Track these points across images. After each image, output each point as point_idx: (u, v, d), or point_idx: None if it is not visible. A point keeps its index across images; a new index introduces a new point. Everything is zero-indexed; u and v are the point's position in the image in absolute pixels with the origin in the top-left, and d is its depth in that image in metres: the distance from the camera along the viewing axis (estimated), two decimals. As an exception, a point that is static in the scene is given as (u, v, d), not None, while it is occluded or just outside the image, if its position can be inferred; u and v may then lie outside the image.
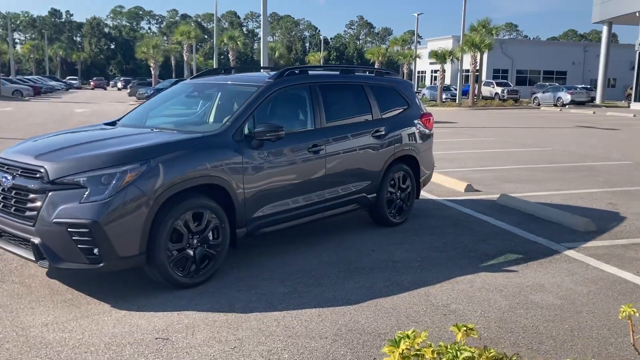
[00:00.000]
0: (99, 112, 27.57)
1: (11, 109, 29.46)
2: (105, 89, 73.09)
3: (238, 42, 42.64)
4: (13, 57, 69.65)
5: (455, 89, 44.08)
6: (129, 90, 45.57)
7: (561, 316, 4.31)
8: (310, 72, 6.11)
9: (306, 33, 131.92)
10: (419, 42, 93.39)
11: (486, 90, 47.96)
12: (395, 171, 6.75)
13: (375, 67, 50.65)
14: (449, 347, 2.29)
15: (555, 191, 9.23)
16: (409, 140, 6.90)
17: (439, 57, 40.60)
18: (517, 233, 6.63)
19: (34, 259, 4.36)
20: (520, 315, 4.30)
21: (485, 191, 9.18)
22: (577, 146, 15.73)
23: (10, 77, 51.25)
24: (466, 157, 13.16)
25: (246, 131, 5.17)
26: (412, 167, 7.03)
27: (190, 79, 6.71)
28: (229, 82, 6.13)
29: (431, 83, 59.74)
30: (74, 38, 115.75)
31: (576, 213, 7.24)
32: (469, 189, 9.20)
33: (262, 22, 20.35)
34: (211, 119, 5.84)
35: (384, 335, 3.94)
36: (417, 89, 59.36)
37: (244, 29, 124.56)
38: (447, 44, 54.51)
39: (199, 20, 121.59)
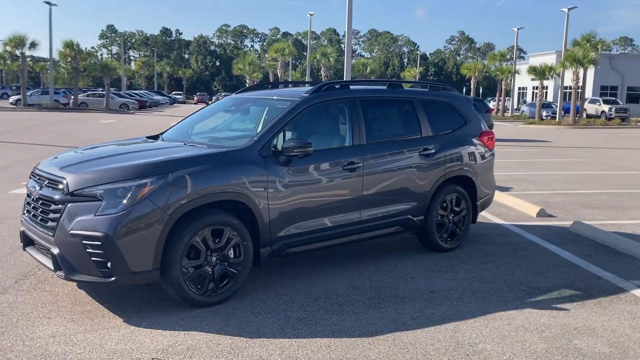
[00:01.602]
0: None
1: (114, 120, 31.39)
2: (207, 103, 76.36)
3: (330, 59, 42.99)
4: (126, 73, 74.71)
5: (557, 106, 41.81)
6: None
7: (605, 367, 3.74)
8: (351, 87, 5.85)
9: (405, 49, 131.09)
10: (522, 58, 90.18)
11: (591, 108, 45.06)
12: (447, 192, 6.31)
13: (472, 83, 49.49)
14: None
15: (641, 220, 8.31)
16: (464, 159, 6.43)
17: (538, 73, 38.70)
18: (582, 266, 5.96)
19: (53, 269, 4.41)
20: (556, 363, 3.78)
21: (560, 217, 8.43)
22: (683, 170, 14.23)
23: (120, 92, 54.82)
24: (551, 179, 12.26)
25: (275, 147, 5.00)
26: (467, 189, 6.54)
27: (235, 93, 6.66)
28: (266, 97, 6.01)
29: (532, 100, 57.08)
30: (183, 55, 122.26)
31: (657, 246, 6.42)
32: (542, 213, 8.49)
33: (346, 38, 20.33)
34: (245, 134, 5.73)
35: (390, 375, 3.59)
36: (516, 106, 57.04)
37: (343, 45, 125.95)
38: (550, 59, 51.96)
39: (299, 37, 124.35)
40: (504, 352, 3.93)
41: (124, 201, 4.23)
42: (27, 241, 4.90)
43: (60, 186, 4.44)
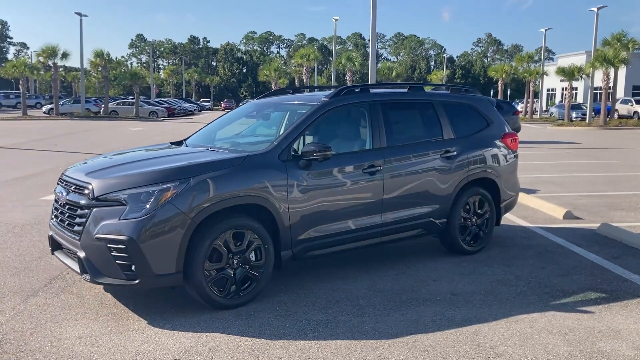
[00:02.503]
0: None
1: (144, 128, 31.91)
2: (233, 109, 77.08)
3: (356, 63, 43.05)
4: (155, 82, 75.90)
5: (587, 107, 41.09)
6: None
7: (629, 370, 3.68)
8: (372, 90, 5.87)
9: (431, 52, 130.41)
10: (551, 59, 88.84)
11: (623, 109, 44.10)
12: (470, 195, 6.27)
13: (499, 85, 48.95)
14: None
15: (672, 222, 8.12)
16: (487, 161, 6.39)
17: (567, 73, 38.10)
18: (609, 268, 5.87)
19: (79, 272, 4.53)
20: (578, 366, 3.73)
21: (587, 219, 8.29)
22: None
23: (149, 100, 55.71)
24: (578, 181, 12.06)
25: (295, 151, 5.05)
26: (490, 191, 6.49)
27: (257, 98, 6.74)
28: (288, 102, 6.07)
29: (561, 101, 56.19)
30: (210, 63, 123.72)
31: (687, 248, 6.28)
32: (569, 215, 8.36)
33: (370, 42, 20.33)
34: (267, 138, 5.80)
35: (409, 376, 3.59)
36: (545, 108, 56.22)
37: (368, 49, 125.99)
38: (580, 60, 51.13)
39: (325, 43, 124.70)
40: (526, 354, 3.90)
41: (147, 205, 4.33)
42: (55, 245, 5.04)
43: (86, 191, 4.56)
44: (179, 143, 6.08)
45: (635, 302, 4.89)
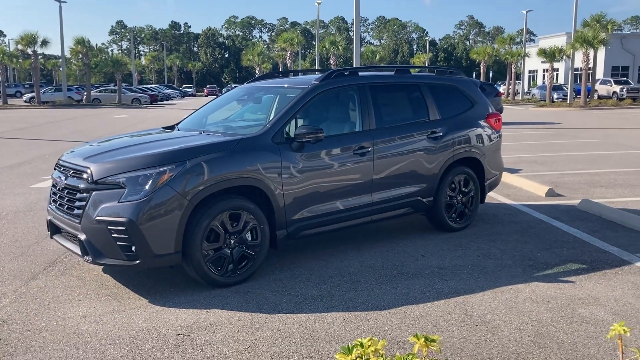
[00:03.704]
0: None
1: (127, 115, 31.75)
2: (217, 95, 76.29)
3: (339, 47, 43.06)
4: (137, 68, 75.17)
5: (568, 88, 41.58)
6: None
7: (607, 333, 3.91)
8: (360, 73, 6.03)
9: (414, 35, 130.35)
10: (532, 41, 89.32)
11: (603, 89, 44.69)
12: (456, 174, 6.48)
13: (481, 67, 49.22)
14: (402, 358, 2.15)
15: (650, 197, 8.42)
16: (471, 141, 6.59)
17: (548, 55, 38.50)
18: (589, 241, 6.13)
19: (80, 254, 4.66)
20: (560, 330, 3.97)
21: (568, 196, 8.57)
22: (694, 148, 14.24)
23: (131, 87, 55.24)
24: (561, 160, 12.37)
25: (287, 133, 5.20)
26: (475, 170, 6.71)
27: (247, 82, 6.86)
28: (278, 86, 6.20)
29: (543, 82, 56.72)
30: (192, 48, 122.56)
31: (663, 221, 6.56)
32: (551, 193, 8.63)
33: (354, 26, 20.41)
34: (258, 122, 5.94)
35: (402, 344, 3.80)
36: (527, 89, 56.70)
37: (351, 33, 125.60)
38: (560, 41, 51.50)
39: (308, 27, 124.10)
40: (511, 321, 4.13)
41: (146, 188, 4.46)
42: (54, 229, 5.16)
43: (85, 175, 4.68)
44: (172, 128, 6.20)
45: (613, 272, 5.15)
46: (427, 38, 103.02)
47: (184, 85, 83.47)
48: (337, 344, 3.79)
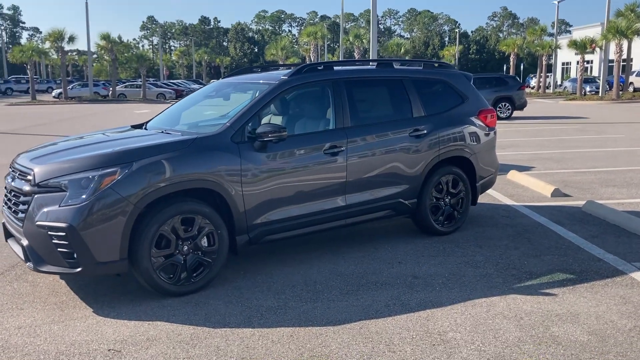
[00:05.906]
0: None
1: (148, 111, 31.82)
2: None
3: (364, 40, 42.44)
4: (165, 64, 75.73)
5: (600, 81, 40.17)
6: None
7: (578, 357, 3.49)
8: (335, 68, 5.65)
9: (445, 27, 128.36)
10: (568, 32, 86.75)
11: (638, 82, 43.10)
12: (442, 174, 6.06)
13: (511, 59, 47.98)
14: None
15: (664, 198, 7.84)
16: (460, 140, 6.16)
17: (579, 46, 37.20)
18: (584, 248, 5.65)
19: (24, 260, 4.43)
20: (525, 352, 3.56)
21: (576, 196, 8.05)
22: None
23: (157, 82, 55.61)
24: (578, 157, 11.75)
25: (250, 132, 4.88)
26: (465, 170, 6.28)
27: (224, 77, 6.55)
28: (248, 81, 5.87)
29: (576, 75, 55.05)
30: (222, 43, 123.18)
31: (670, 226, 6.03)
32: (557, 193, 8.11)
33: (371, 18, 19.93)
34: (223, 120, 5.62)
35: (345, 366, 3.45)
36: (560, 82, 55.12)
37: (382, 26, 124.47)
38: (595, 32, 49.82)
39: (337, 20, 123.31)
40: (474, 340, 3.73)
41: (87, 191, 4.20)
42: (7, 233, 4.94)
43: (29, 177, 4.44)
44: (140, 126, 5.94)
45: (603, 284, 4.69)
46: (457, 30, 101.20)
47: (211, 80, 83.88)
48: (274, 365, 3.46)
